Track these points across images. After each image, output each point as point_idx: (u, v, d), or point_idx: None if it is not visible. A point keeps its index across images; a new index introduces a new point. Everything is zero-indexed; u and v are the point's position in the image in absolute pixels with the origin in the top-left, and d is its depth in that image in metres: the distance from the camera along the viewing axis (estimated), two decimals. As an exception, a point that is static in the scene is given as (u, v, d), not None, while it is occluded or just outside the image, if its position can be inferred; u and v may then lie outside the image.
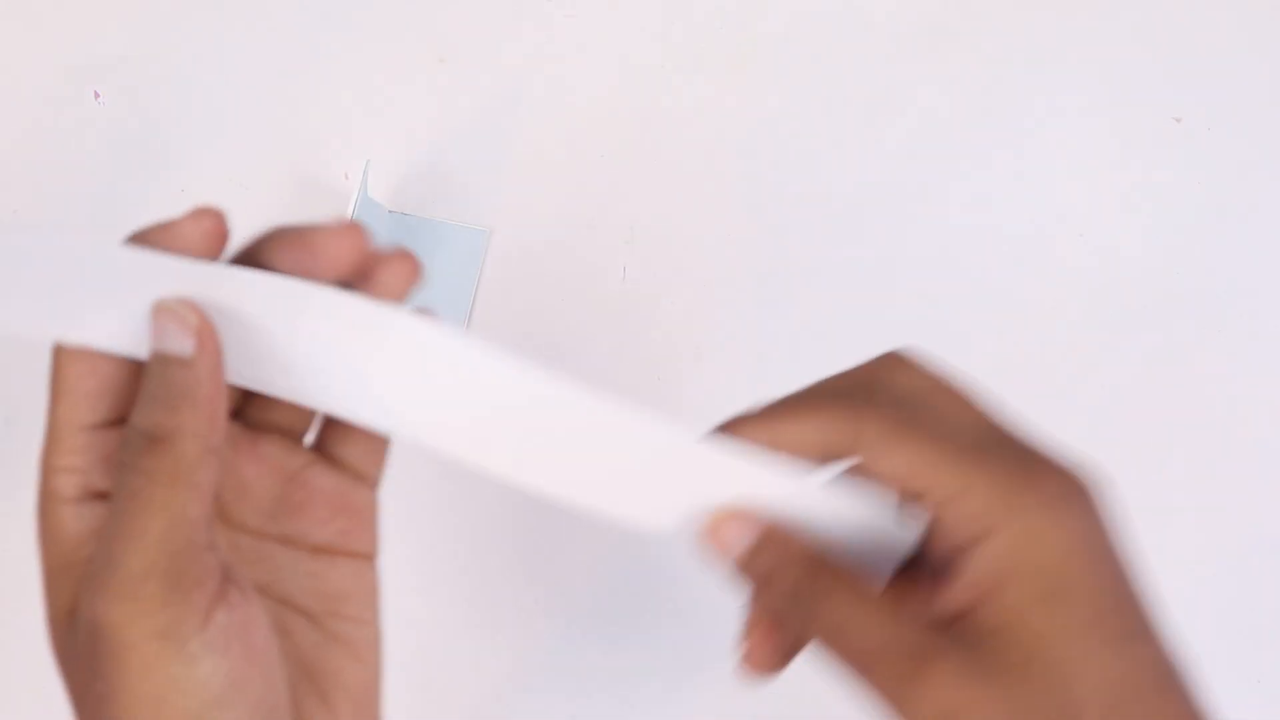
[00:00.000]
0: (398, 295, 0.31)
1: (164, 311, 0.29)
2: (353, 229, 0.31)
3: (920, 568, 0.32)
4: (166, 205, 0.57)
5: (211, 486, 0.28)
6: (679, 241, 0.57)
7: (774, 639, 0.32)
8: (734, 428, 0.31)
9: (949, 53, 0.59)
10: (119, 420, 0.30)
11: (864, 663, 0.28)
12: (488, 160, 0.58)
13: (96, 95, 0.58)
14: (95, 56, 0.59)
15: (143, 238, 0.30)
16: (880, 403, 0.30)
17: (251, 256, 0.31)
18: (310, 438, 0.34)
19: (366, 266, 0.31)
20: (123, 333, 0.29)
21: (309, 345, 0.30)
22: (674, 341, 0.56)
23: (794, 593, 0.29)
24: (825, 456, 0.31)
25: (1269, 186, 0.57)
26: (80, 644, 0.28)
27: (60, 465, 0.29)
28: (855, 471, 0.31)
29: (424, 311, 0.30)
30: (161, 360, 0.29)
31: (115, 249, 0.30)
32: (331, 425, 0.34)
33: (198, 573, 0.28)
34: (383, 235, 0.56)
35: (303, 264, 0.30)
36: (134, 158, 0.58)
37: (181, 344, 0.28)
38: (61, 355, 0.30)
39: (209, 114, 0.59)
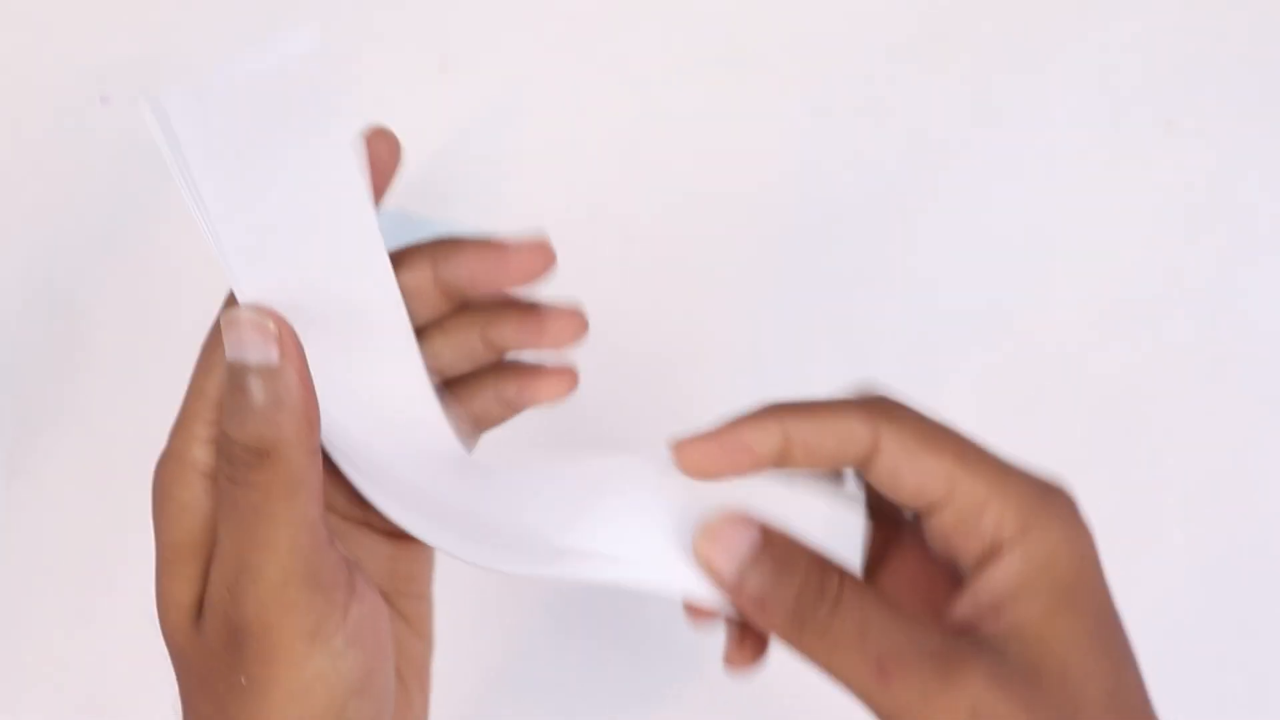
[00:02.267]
0: (565, 344, 0.34)
1: (240, 323, 0.28)
2: (544, 246, 0.33)
3: (904, 572, 0.32)
4: (171, 207, 0.58)
5: (320, 484, 0.29)
6: (679, 242, 0.57)
7: (753, 638, 0.32)
8: (744, 426, 0.30)
9: (941, 60, 0.60)
10: None
11: (886, 666, 0.27)
12: (488, 163, 0.59)
13: (103, 99, 0.59)
14: (103, 60, 0.59)
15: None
16: (898, 409, 0.30)
17: (439, 258, 0.33)
18: None
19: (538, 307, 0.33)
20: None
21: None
22: (674, 342, 0.56)
23: (803, 597, 0.28)
24: (839, 462, 0.30)
25: (1259, 190, 0.58)
26: (213, 639, 0.28)
27: (201, 435, 0.29)
28: (866, 478, 0.30)
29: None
30: (244, 371, 0.28)
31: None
32: None
33: (331, 571, 0.29)
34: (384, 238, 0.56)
35: (491, 276, 0.33)
36: (140, 161, 0.58)
37: (266, 354, 0.28)
38: (217, 334, 0.29)
39: (214, 118, 0.59)
